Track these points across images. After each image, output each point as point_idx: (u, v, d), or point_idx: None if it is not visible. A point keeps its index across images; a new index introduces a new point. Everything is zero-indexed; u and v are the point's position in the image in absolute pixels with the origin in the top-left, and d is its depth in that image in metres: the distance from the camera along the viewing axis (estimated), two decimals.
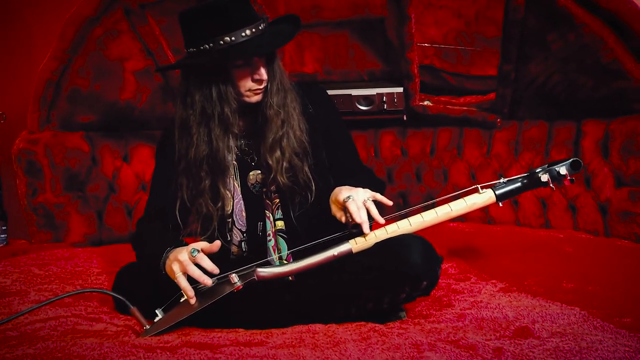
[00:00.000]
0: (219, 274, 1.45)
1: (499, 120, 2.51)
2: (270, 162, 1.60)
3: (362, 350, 1.21)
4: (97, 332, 1.42)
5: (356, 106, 2.62)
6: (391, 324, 1.43)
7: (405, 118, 2.67)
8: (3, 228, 2.45)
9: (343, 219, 1.49)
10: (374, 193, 1.48)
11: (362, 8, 2.58)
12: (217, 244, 1.46)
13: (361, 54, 2.71)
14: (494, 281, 1.72)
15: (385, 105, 2.60)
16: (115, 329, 1.47)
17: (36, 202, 2.47)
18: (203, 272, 1.42)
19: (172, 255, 1.47)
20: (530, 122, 2.46)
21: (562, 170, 1.51)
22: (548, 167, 1.53)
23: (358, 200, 1.45)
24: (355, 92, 2.61)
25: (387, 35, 2.62)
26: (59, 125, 2.55)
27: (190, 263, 1.42)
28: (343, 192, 1.48)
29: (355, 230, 1.47)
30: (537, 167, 1.55)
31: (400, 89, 2.58)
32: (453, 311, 1.49)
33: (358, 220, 1.43)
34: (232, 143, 1.62)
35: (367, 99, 2.62)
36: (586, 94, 2.27)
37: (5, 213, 2.47)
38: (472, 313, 1.45)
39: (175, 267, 1.44)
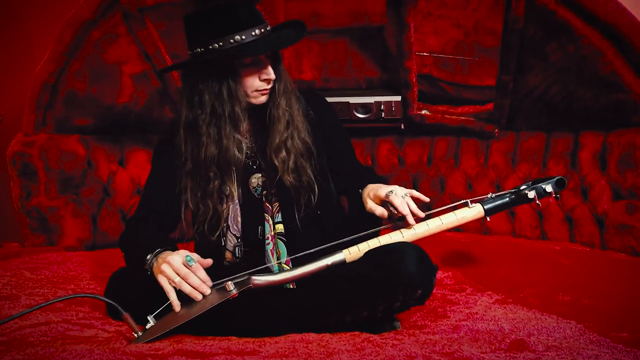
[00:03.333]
0: (214, 281, 1.45)
1: (496, 130, 2.51)
2: (276, 162, 1.61)
3: None
4: (87, 339, 1.40)
5: (354, 114, 2.62)
6: (385, 334, 1.42)
7: (402, 127, 2.66)
8: None
9: (385, 214, 1.51)
10: (410, 190, 1.53)
11: (361, 16, 2.59)
12: (210, 261, 1.47)
13: (360, 62, 2.71)
14: (489, 292, 1.71)
15: (383, 114, 2.60)
16: (107, 335, 1.45)
17: (30, 205, 2.45)
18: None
19: (160, 257, 1.47)
20: (527, 133, 2.45)
21: (548, 188, 1.57)
22: (533, 184, 1.59)
23: (399, 195, 1.49)
24: (353, 100, 2.61)
25: (386, 43, 2.62)
26: (55, 128, 2.54)
27: (182, 282, 1.42)
28: (383, 188, 1.53)
29: (399, 222, 1.52)
30: (523, 184, 1.60)
31: (398, 98, 2.58)
32: (448, 322, 1.47)
33: (404, 212, 1.47)
34: (243, 142, 1.63)
35: (364, 107, 2.61)
36: (584, 106, 2.26)
37: None
38: (467, 325, 1.44)
39: (167, 270, 1.42)
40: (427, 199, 1.55)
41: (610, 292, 1.66)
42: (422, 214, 1.50)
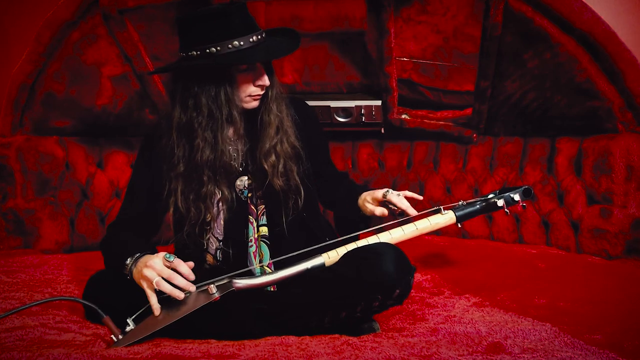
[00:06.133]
0: (196, 284, 1.45)
1: (475, 135, 2.54)
2: (265, 166, 1.63)
3: None
4: (64, 342, 1.39)
5: (334, 118, 2.63)
6: (365, 337, 1.43)
7: (383, 131, 2.68)
8: None
9: (386, 212, 1.61)
10: (403, 191, 1.64)
11: (342, 21, 2.60)
12: (191, 264, 1.47)
13: (340, 66, 2.72)
14: (467, 295, 1.73)
15: (363, 118, 2.61)
16: (84, 339, 1.44)
17: (6, 207, 2.42)
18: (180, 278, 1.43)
19: (141, 262, 1.46)
20: (505, 138, 2.49)
21: (516, 196, 1.67)
22: (499, 193, 1.68)
23: (395, 194, 1.61)
24: (333, 103, 2.62)
25: (366, 48, 2.64)
26: (33, 129, 2.51)
27: (162, 281, 1.41)
28: (378, 191, 1.65)
29: (401, 218, 1.62)
30: (491, 193, 1.70)
31: (379, 102, 2.60)
32: (427, 325, 1.49)
33: (403, 206, 1.60)
34: (239, 147, 1.65)
35: (345, 111, 2.63)
36: (561, 112, 2.31)
37: None
38: (445, 328, 1.45)
39: (149, 273, 1.42)
40: (420, 197, 1.65)
41: (585, 295, 1.69)
42: (415, 212, 1.59)
